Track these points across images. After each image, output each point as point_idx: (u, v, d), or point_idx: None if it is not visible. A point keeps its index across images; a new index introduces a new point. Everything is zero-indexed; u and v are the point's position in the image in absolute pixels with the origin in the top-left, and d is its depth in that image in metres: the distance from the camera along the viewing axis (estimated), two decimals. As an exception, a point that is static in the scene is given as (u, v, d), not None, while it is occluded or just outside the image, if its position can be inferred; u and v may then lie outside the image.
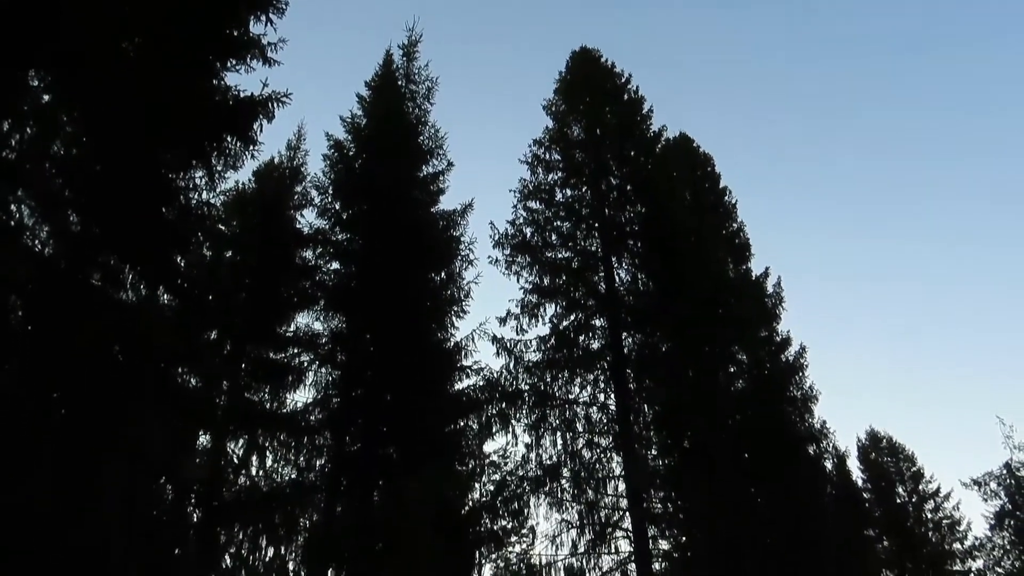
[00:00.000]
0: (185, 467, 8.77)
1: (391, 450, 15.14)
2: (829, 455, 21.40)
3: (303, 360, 16.17)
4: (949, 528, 31.26)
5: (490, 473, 16.54)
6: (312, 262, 17.46)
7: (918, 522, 31.61)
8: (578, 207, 20.29)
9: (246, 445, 14.91)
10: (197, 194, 11.28)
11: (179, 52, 10.08)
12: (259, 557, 11.95)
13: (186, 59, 10.26)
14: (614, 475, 17.08)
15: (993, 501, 31.38)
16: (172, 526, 8.47)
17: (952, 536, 31.18)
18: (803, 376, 21.01)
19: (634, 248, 19.71)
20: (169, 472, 8.06)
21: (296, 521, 10.36)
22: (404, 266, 16.07)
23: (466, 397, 16.32)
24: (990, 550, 30.67)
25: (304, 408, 15.68)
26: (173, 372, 9.14)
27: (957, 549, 30.86)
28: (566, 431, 17.41)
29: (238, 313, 15.89)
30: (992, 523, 31.07)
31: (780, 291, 22.55)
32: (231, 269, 16.22)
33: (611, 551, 16.41)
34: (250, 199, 17.79)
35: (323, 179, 18.13)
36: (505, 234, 19.51)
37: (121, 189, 9.81)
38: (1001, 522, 30.90)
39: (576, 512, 16.63)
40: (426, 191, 18.14)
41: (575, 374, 18.12)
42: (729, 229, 23.67)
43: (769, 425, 17.92)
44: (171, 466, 7.93)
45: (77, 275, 9.16)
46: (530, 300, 18.84)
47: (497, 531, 15.71)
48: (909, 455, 33.60)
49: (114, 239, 9.99)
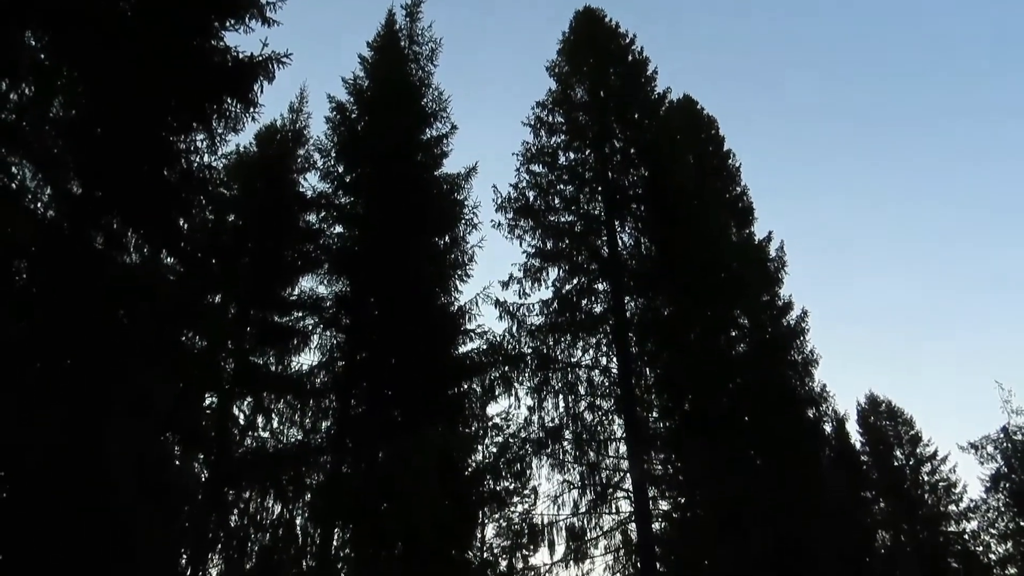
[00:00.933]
0: (192, 425, 8.88)
1: (395, 413, 15.30)
2: (828, 418, 21.61)
3: (307, 324, 16.28)
4: (945, 490, 31.70)
5: (493, 435, 16.75)
6: (316, 226, 17.45)
7: (915, 485, 32.04)
8: (581, 170, 20.15)
9: (252, 407, 15.10)
10: (198, 157, 11.23)
11: (177, 11, 9.94)
12: (266, 516, 12.18)
13: (184, 19, 10.12)
14: (615, 437, 17.28)
15: (989, 464, 31.78)
16: (180, 484, 8.61)
17: (948, 498, 31.63)
18: (804, 340, 21.15)
19: (637, 212, 19.62)
20: (176, 429, 8.17)
21: (302, 481, 10.55)
22: (407, 229, 16.04)
23: (469, 360, 16.42)
24: (984, 512, 31.15)
25: (309, 371, 15.83)
26: (177, 333, 9.20)
27: (952, 511, 31.33)
28: (568, 394, 17.55)
29: (242, 277, 15.94)
30: (987, 486, 31.50)
31: (783, 255, 22.56)
32: (234, 233, 16.22)
33: (612, 511, 16.69)
34: (252, 162, 17.72)
35: (325, 142, 18.04)
36: (508, 198, 19.42)
37: (121, 151, 9.77)
38: (996, 485, 31.31)
39: (577, 473, 16.87)
40: (429, 154, 18.01)
41: (577, 338, 18.20)
42: (732, 193, 23.56)
43: (769, 389, 18.05)
44: (177, 423, 8.04)
45: (80, 237, 9.17)
46: (533, 264, 18.83)
47: (500, 492, 15.96)
48: (908, 419, 33.91)
49: (116, 202, 9.98)
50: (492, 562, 15.29)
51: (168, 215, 10.70)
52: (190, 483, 9.38)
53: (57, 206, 9.31)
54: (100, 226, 10.05)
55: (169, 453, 8.39)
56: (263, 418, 14.98)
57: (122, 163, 9.85)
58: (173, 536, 7.96)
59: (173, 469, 8.38)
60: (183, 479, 8.77)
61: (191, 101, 10.48)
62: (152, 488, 6.34)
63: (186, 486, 8.90)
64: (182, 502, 9.16)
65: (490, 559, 15.38)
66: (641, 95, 21.13)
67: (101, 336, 6.57)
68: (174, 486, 7.78)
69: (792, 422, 18.06)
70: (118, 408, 6.03)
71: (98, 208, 10.01)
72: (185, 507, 8.95)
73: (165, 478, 7.24)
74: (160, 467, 7.09)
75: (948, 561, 30.04)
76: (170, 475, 7.84)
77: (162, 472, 7.15)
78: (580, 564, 16.11)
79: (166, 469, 7.84)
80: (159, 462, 7.14)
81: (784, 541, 15.09)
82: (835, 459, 21.34)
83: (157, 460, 6.97)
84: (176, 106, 10.48)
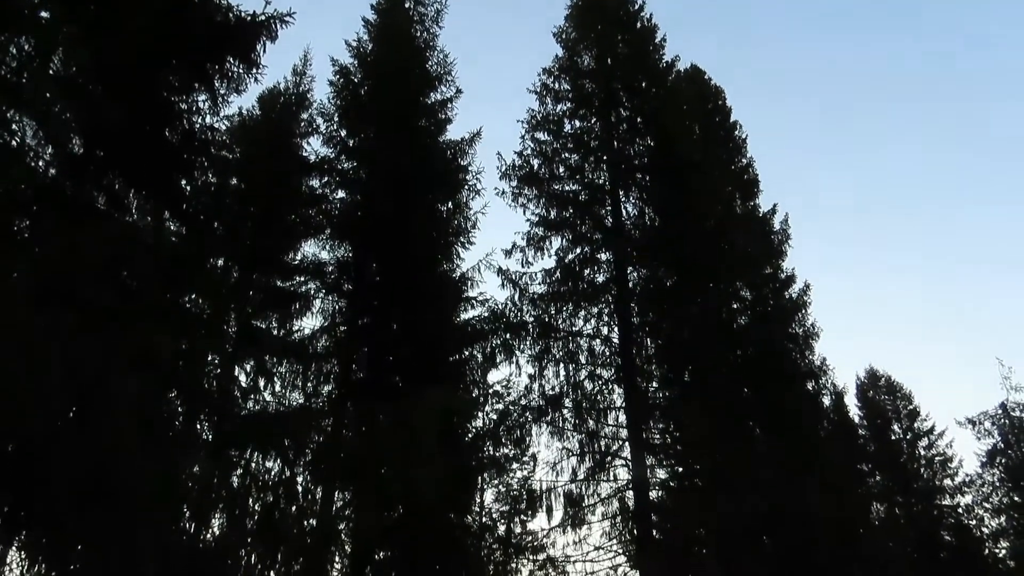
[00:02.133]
0: (195, 385, 8.94)
1: (396, 378, 15.39)
2: (828, 391, 21.70)
3: (310, 288, 16.30)
4: (941, 465, 32.00)
5: (493, 402, 16.91)
6: (318, 191, 17.37)
7: (911, 458, 32.34)
8: (586, 139, 19.99)
9: (255, 370, 15.19)
10: (200, 118, 11.15)
11: (178, -33, 9.77)
12: (268, 477, 12.34)
13: (185, -26, 9.95)
14: (615, 406, 17.41)
15: (986, 440, 32.07)
16: (183, 443, 8.70)
17: (944, 472, 31.95)
18: (806, 314, 21.16)
19: (642, 182, 19.50)
20: (179, 387, 8.24)
21: (304, 443, 10.67)
22: (410, 195, 15.96)
23: (471, 328, 16.48)
24: (979, 486, 31.52)
25: (311, 335, 15.90)
26: (180, 293, 9.22)
27: (947, 485, 31.68)
28: (569, 362, 17.64)
29: (244, 241, 15.92)
30: (983, 461, 31.82)
31: (787, 228, 22.46)
32: (237, 196, 16.15)
33: (610, 479, 16.88)
34: (255, 126, 17.59)
35: (329, 106, 17.86)
36: (512, 165, 19.30)
37: (122, 110, 9.69)
38: (992, 460, 31.62)
39: (577, 441, 17.03)
40: (433, 119, 17.84)
41: (579, 307, 18.24)
42: (738, 164, 23.37)
43: (769, 361, 18.12)
44: (180, 381, 8.10)
45: (82, 197, 9.14)
46: (536, 233, 18.79)
47: (499, 458, 16.15)
48: (907, 394, 34.12)
49: (117, 162, 9.93)
50: (491, 526, 15.53)
51: (170, 176, 10.65)
52: (193, 442, 9.46)
53: (59, 165, 9.28)
54: (102, 186, 10.02)
55: (173, 411, 8.46)
56: (265, 381, 15.08)
57: (123, 122, 9.78)
58: (176, 493, 8.07)
59: (176, 427, 8.46)
60: (187, 438, 8.86)
61: (193, 60, 10.36)
62: (156, 443, 6.42)
63: (189, 445, 8.99)
64: (186, 460, 9.24)
65: (488, 523, 15.61)
66: (649, 63, 20.86)
67: (103, 292, 6.57)
68: (178, 443, 7.86)
69: (791, 395, 18.15)
70: (120, 361, 6.06)
71: (99, 168, 9.97)
72: (188, 466, 9.04)
73: (169, 434, 7.31)
74: (164, 424, 7.16)
75: (942, 534, 30.44)
76: (174, 433, 7.92)
77: (165, 428, 7.22)
78: (577, 529, 16.35)
79: (170, 426, 7.91)
80: (163, 420, 7.20)
81: (778, 510, 15.27)
82: (833, 432, 21.47)
83: (161, 417, 7.03)
84: (177, 65, 10.37)
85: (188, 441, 8.63)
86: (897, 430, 33.30)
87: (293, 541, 10.09)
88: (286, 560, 10.35)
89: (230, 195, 15.78)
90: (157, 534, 7.13)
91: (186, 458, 8.26)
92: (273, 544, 10.20)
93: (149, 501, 6.37)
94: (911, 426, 33.21)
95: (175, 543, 8.48)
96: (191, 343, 8.74)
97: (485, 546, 15.07)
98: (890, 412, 33.76)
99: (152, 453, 6.31)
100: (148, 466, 6.19)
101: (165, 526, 7.67)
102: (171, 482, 7.47)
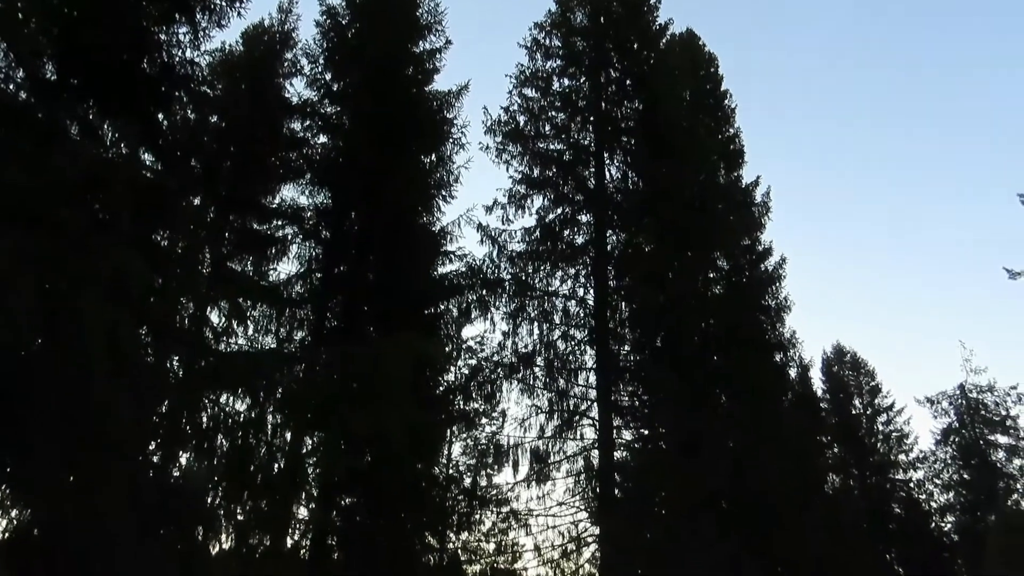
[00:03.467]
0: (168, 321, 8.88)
1: (371, 328, 15.40)
2: (794, 364, 22.16)
3: (287, 233, 16.12)
4: (897, 440, 33.03)
5: (466, 358, 17.02)
6: (300, 134, 17.01)
7: (869, 433, 33.31)
8: (575, 98, 19.79)
9: (228, 312, 15.07)
10: (180, 51, 10.86)
11: None
12: (237, 418, 12.38)
13: None
14: (586, 367, 17.65)
15: (942, 419, 33.21)
16: (156, 382, 8.68)
17: (899, 448, 33.00)
18: (779, 286, 21.46)
19: (627, 145, 19.43)
20: (151, 323, 8.17)
21: (275, 385, 10.69)
22: (393, 144, 15.73)
23: (448, 282, 16.43)
24: (932, 463, 32.70)
25: (287, 280, 15.79)
26: (154, 228, 9.08)
27: (902, 460, 32.77)
28: (543, 322, 17.79)
29: (222, 181, 15.63)
30: (938, 439, 32.98)
31: (768, 201, 22.61)
32: (216, 135, 15.79)
33: (577, 437, 17.22)
34: (238, 63, 17.12)
35: (314, 47, 17.35)
36: (498, 120, 19.09)
37: (98, 38, 9.38)
38: (947, 438, 32.77)
39: (546, 399, 17.30)
40: (421, 68, 17.46)
41: (557, 267, 18.32)
42: (725, 134, 23.32)
43: (740, 331, 18.39)
44: (153, 316, 8.03)
45: (54, 124, 8.90)
46: (518, 190, 18.73)
47: (469, 412, 16.33)
48: (870, 370, 34.97)
49: (92, 91, 9.65)
50: (457, 478, 15.80)
51: (146, 109, 10.39)
52: (163, 377, 9.44)
53: (30, 89, 9.00)
54: (76, 115, 9.75)
55: (144, 345, 8.41)
56: (238, 324, 14.99)
57: (99, 51, 9.48)
58: (147, 427, 8.08)
59: (147, 363, 8.42)
60: (158, 373, 8.84)
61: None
62: (127, 374, 6.39)
63: (160, 380, 8.96)
64: (157, 398, 9.22)
65: (455, 475, 15.89)
66: (642, 23, 20.59)
67: (74, 216, 6.44)
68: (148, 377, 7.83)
69: (759, 365, 18.49)
70: (92, 289, 5.97)
71: (73, 96, 9.69)
72: (158, 402, 9.04)
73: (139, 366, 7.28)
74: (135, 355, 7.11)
75: (892, 506, 31.60)
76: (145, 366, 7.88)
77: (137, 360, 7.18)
78: (542, 485, 16.72)
79: (141, 361, 7.87)
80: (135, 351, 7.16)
81: (739, 475, 15.71)
82: (796, 403, 21.99)
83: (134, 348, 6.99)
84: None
85: (159, 376, 8.60)
86: (858, 405, 34.21)
87: (261, 481, 10.18)
88: (253, 498, 10.46)
89: (208, 133, 15.45)
90: (128, 467, 7.17)
91: (156, 393, 8.25)
92: (240, 483, 10.28)
93: (119, 432, 6.37)
94: (872, 402, 34.12)
95: (143, 477, 8.53)
96: (165, 279, 8.65)
97: (450, 497, 15.34)
98: (852, 387, 34.61)
99: (123, 385, 6.28)
100: (120, 396, 6.17)
101: (133, 460, 7.70)
102: (142, 415, 7.47)
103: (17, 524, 7.86)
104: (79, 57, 9.31)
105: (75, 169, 6.81)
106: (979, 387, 32.75)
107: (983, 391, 32.57)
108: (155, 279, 7.87)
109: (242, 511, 10.62)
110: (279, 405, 10.32)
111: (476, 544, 15.37)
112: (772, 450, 16.41)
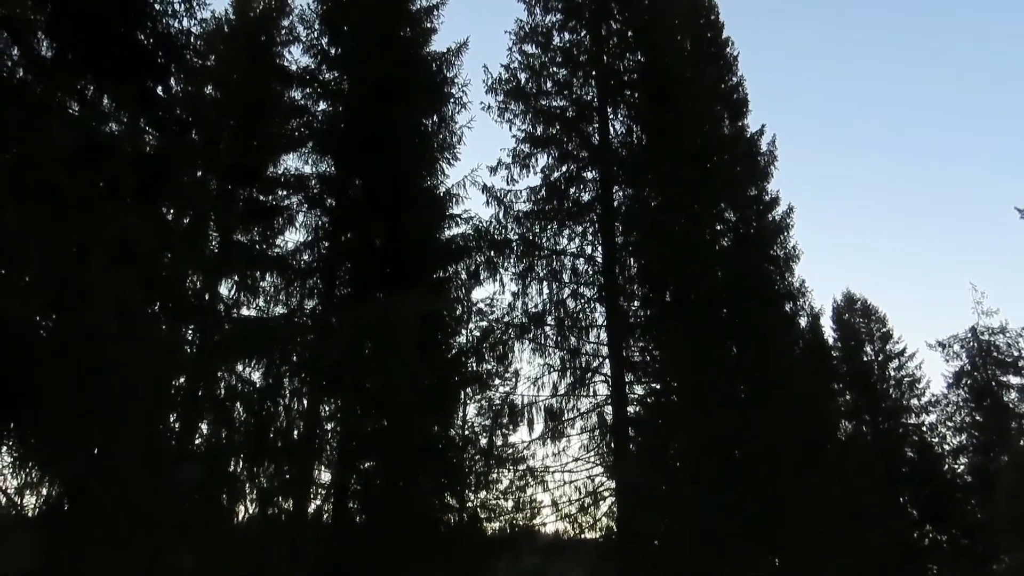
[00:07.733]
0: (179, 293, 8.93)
1: (379, 294, 15.45)
2: (804, 312, 22.16)
3: (292, 202, 16.07)
4: (909, 385, 33.11)
5: (477, 320, 17.11)
6: (300, 102, 16.84)
7: (881, 379, 33.39)
8: (576, 53, 19.42)
9: (237, 284, 15.15)
10: (175, 21, 10.70)
11: None
12: (253, 389, 12.53)
13: None
14: (596, 324, 17.68)
15: (954, 362, 33.18)
16: (168, 354, 8.76)
17: (911, 393, 33.10)
18: (787, 236, 21.35)
19: (630, 99, 19.13)
20: (162, 297, 8.23)
21: (289, 353, 10.80)
22: (393, 107, 15.55)
23: (455, 245, 16.44)
24: (944, 406, 32.80)
25: (295, 250, 15.79)
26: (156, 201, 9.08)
27: (914, 404, 32.90)
28: (552, 281, 17.78)
29: (224, 152, 15.53)
30: (950, 382, 33.01)
31: (774, 150, 22.35)
32: (214, 106, 15.65)
33: (589, 394, 17.36)
34: (233, 32, 16.86)
35: (310, 13, 17.02)
36: (499, 79, 18.78)
37: (92, 10, 9.27)
38: (958, 381, 32.80)
39: (558, 358, 17.37)
40: (418, 27, 17.17)
41: (564, 225, 18.23)
42: (728, 83, 22.93)
43: (749, 282, 18.35)
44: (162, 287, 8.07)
45: (52, 101, 8.85)
46: (522, 150, 18.52)
47: (482, 373, 16.48)
48: (881, 317, 34.91)
49: (88, 65, 9.57)
50: (473, 439, 16.03)
51: (144, 82, 10.30)
52: (178, 354, 9.54)
53: (26, 66, 8.93)
54: (74, 90, 9.69)
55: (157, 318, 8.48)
56: (248, 295, 15.08)
57: (93, 23, 9.37)
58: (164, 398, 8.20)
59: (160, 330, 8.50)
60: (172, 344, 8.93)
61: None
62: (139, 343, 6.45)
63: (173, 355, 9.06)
64: (171, 371, 9.33)
65: (471, 436, 16.11)
66: (642, -28, 20.06)
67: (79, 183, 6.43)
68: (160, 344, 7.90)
69: (769, 315, 18.49)
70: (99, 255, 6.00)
71: (71, 72, 9.61)
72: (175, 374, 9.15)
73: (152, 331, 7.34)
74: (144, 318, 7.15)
75: (905, 450, 31.84)
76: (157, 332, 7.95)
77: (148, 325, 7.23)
78: (557, 442, 16.93)
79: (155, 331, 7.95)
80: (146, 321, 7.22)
81: (748, 426, 15.85)
82: (806, 352, 22.03)
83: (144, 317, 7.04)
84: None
85: (173, 347, 8.70)
86: (869, 352, 34.23)
87: (281, 447, 10.36)
88: (274, 463, 10.65)
89: (207, 104, 15.31)
90: (145, 437, 7.30)
91: (172, 363, 8.35)
92: (260, 451, 10.46)
93: (135, 403, 6.47)
94: (883, 348, 34.13)
95: (163, 448, 8.69)
96: (173, 254, 8.68)
97: (467, 457, 15.59)
98: (863, 335, 34.60)
99: (134, 349, 6.33)
100: (132, 360, 6.23)
101: (151, 430, 7.83)
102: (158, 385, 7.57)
103: (47, 499, 8.07)
104: (73, 30, 9.21)
105: (76, 138, 6.77)
106: (991, 329, 32.63)
107: (995, 333, 32.45)
108: (162, 250, 7.89)
109: (265, 477, 10.83)
110: (294, 371, 10.43)
111: (494, 502, 15.63)
112: (782, 401, 16.51)
